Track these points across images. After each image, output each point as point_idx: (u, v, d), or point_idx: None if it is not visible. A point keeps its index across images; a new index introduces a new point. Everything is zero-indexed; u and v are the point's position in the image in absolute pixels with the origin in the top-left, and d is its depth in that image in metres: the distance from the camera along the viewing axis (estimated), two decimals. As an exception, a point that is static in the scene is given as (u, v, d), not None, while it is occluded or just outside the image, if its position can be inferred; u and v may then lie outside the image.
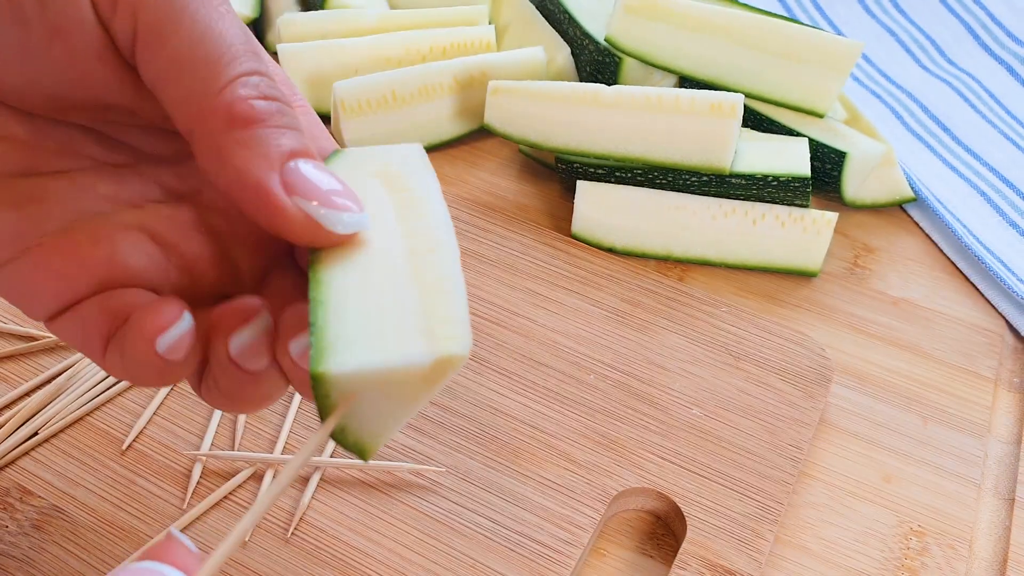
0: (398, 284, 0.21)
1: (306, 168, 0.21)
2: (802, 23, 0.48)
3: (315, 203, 0.21)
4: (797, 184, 0.44)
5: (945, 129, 0.54)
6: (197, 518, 0.33)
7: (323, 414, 0.20)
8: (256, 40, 0.23)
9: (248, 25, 0.54)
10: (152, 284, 0.24)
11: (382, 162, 0.25)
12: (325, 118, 0.51)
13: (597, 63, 0.50)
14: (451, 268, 0.21)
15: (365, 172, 0.24)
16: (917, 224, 0.49)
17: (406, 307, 0.20)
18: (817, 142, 0.47)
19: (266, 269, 0.25)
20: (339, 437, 0.21)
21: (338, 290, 0.21)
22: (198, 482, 0.34)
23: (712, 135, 0.43)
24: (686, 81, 0.49)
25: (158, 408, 0.36)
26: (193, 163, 0.25)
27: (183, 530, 0.32)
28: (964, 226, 0.48)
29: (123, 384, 0.37)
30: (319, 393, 0.20)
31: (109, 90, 0.23)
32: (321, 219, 0.21)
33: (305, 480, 0.34)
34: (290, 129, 0.21)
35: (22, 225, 0.23)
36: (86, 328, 0.23)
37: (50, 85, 0.22)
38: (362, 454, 0.21)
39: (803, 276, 0.46)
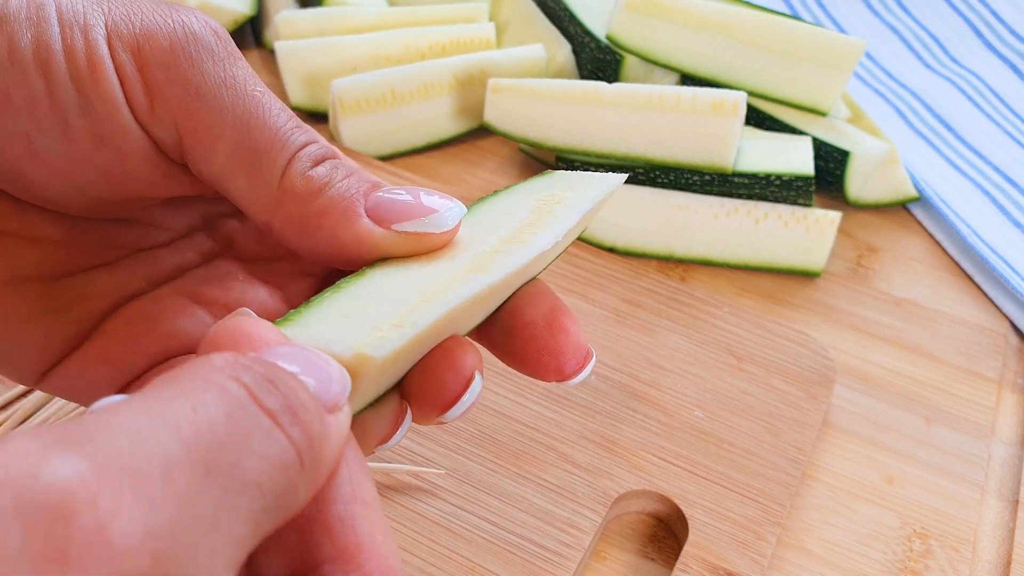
0: (409, 289, 0.22)
1: (386, 196, 0.22)
2: (805, 21, 0.48)
3: (408, 222, 0.22)
4: (800, 183, 0.44)
5: (949, 128, 0.53)
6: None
7: None
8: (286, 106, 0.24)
9: (245, 23, 0.54)
10: None
11: (565, 185, 0.26)
12: (323, 116, 0.50)
13: (598, 61, 0.50)
14: (468, 289, 0.22)
15: (534, 194, 0.25)
16: (921, 224, 0.49)
17: (391, 309, 0.21)
18: (820, 141, 0.47)
19: (318, 290, 0.26)
20: None
21: (357, 284, 0.22)
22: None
23: (714, 134, 0.43)
24: (688, 79, 0.49)
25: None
26: (223, 224, 0.26)
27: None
28: (968, 226, 0.48)
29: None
30: None
31: (153, 187, 0.23)
32: (424, 230, 0.22)
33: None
34: (351, 176, 0.23)
35: (69, 329, 0.23)
36: None
37: (93, 190, 0.23)
38: None
39: (806, 276, 0.45)
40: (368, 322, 0.20)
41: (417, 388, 0.22)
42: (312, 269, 0.26)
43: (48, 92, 0.21)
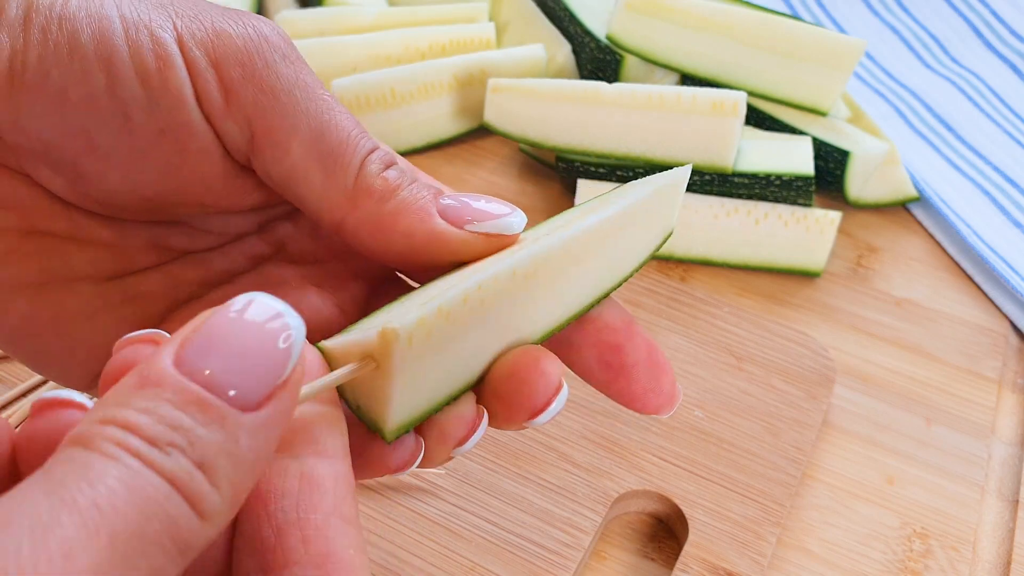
0: (448, 282, 0.22)
1: (453, 200, 0.23)
2: (805, 21, 0.48)
3: (481, 223, 0.23)
4: (800, 183, 0.44)
5: (949, 128, 0.53)
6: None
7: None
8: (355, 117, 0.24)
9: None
10: None
11: (628, 189, 0.26)
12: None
13: (598, 61, 0.50)
14: (498, 265, 0.22)
15: (596, 200, 0.26)
16: (921, 224, 0.49)
17: (424, 296, 0.22)
18: (820, 141, 0.47)
19: (370, 293, 0.26)
20: (358, 413, 0.22)
21: (421, 291, 0.23)
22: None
23: (714, 134, 0.43)
24: (688, 79, 0.49)
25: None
26: (275, 228, 0.26)
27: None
28: (968, 226, 0.48)
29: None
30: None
31: (210, 191, 0.23)
32: (497, 230, 0.23)
33: (303, 482, 0.34)
34: (418, 180, 0.23)
35: (123, 328, 0.23)
36: None
37: (151, 188, 0.23)
38: (380, 433, 0.22)
39: (806, 276, 0.45)
40: (402, 310, 0.21)
41: (507, 392, 0.22)
42: (364, 271, 0.26)
43: (108, 87, 0.21)
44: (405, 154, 0.49)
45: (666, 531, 0.35)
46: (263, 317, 0.17)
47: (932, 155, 0.52)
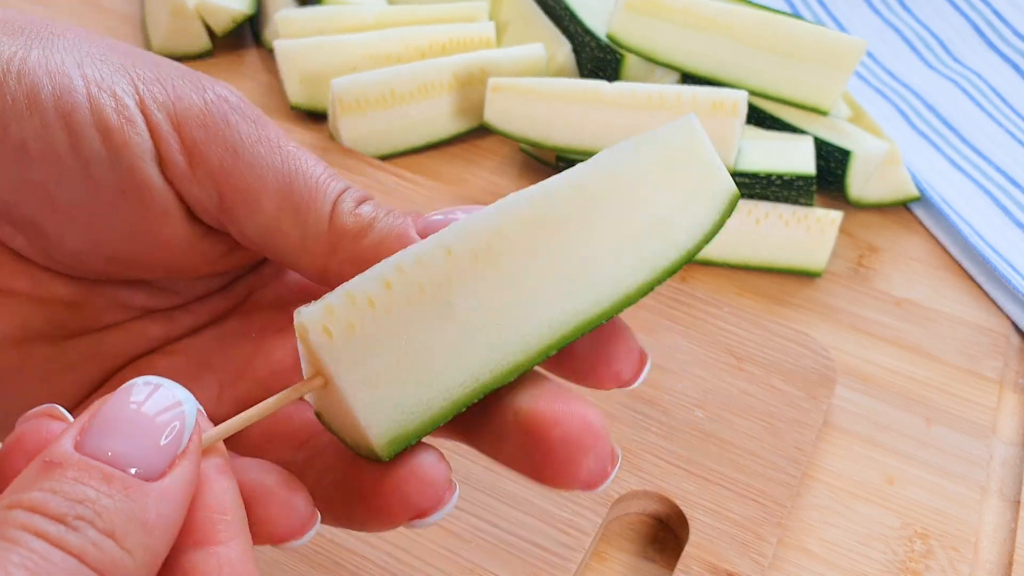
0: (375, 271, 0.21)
1: (433, 218, 0.23)
2: (806, 20, 0.48)
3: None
4: (801, 183, 0.43)
5: (950, 127, 0.53)
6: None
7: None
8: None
9: (244, 22, 0.53)
10: None
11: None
12: (322, 116, 0.50)
13: (598, 60, 0.50)
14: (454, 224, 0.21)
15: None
16: (922, 223, 0.49)
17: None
18: (821, 140, 0.47)
19: None
20: (345, 443, 0.21)
21: None
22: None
23: (715, 133, 0.43)
24: (688, 78, 0.49)
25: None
26: (241, 280, 0.26)
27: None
28: (969, 225, 0.48)
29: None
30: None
31: (174, 255, 0.23)
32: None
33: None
34: (393, 210, 0.23)
35: (79, 388, 0.23)
36: None
37: (113, 249, 0.22)
38: (372, 455, 0.20)
39: (806, 276, 0.45)
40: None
41: (595, 359, 0.22)
42: None
43: (69, 143, 0.21)
44: (405, 154, 0.49)
45: (667, 532, 0.35)
46: (154, 399, 0.18)
47: (933, 155, 0.52)
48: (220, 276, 0.25)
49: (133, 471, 0.17)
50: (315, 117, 0.50)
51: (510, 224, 0.20)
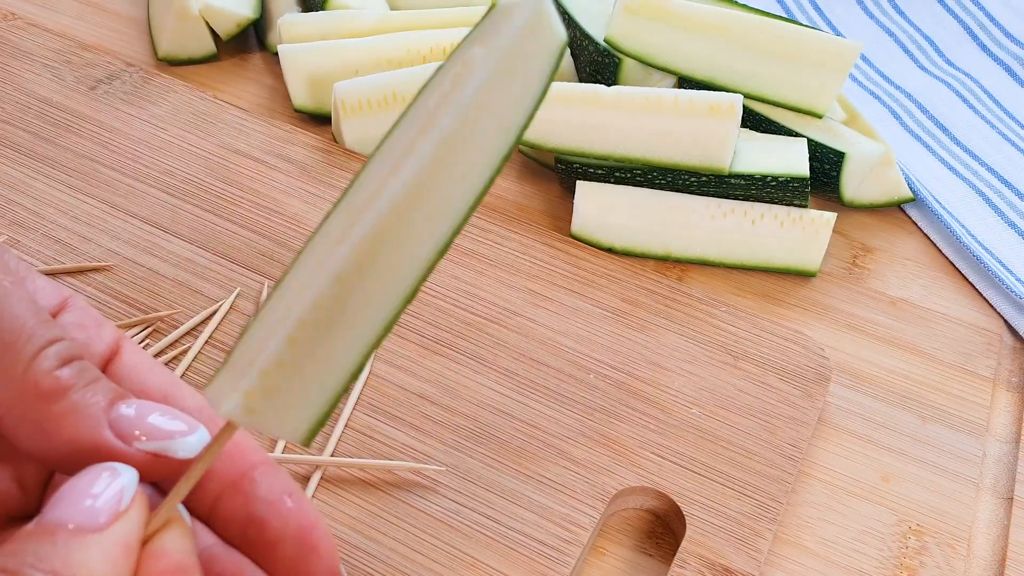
0: (271, 340, 0.21)
1: (128, 412, 0.22)
2: (801, 24, 0.48)
3: (150, 440, 0.21)
4: (796, 184, 0.44)
5: (944, 130, 0.54)
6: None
7: None
8: (40, 305, 0.22)
9: (248, 26, 0.54)
10: None
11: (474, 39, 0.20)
12: (326, 118, 0.51)
13: (596, 64, 0.50)
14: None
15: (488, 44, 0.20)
16: (916, 224, 0.50)
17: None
18: (816, 142, 0.47)
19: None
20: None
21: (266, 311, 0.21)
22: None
23: (711, 135, 0.44)
24: (685, 82, 0.49)
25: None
26: None
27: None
28: (963, 226, 0.48)
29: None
30: None
31: None
32: (166, 452, 0.22)
33: (306, 479, 0.34)
34: (97, 382, 0.22)
35: None
36: None
37: None
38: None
39: (802, 276, 0.46)
40: (242, 358, 0.21)
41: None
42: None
43: None
44: (406, 156, 0.49)
45: (664, 527, 0.35)
46: (98, 478, 0.20)
47: (927, 156, 0.52)
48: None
49: (71, 526, 0.19)
50: (318, 120, 0.51)
51: (388, 215, 0.20)
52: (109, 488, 0.20)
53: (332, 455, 0.35)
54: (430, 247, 0.20)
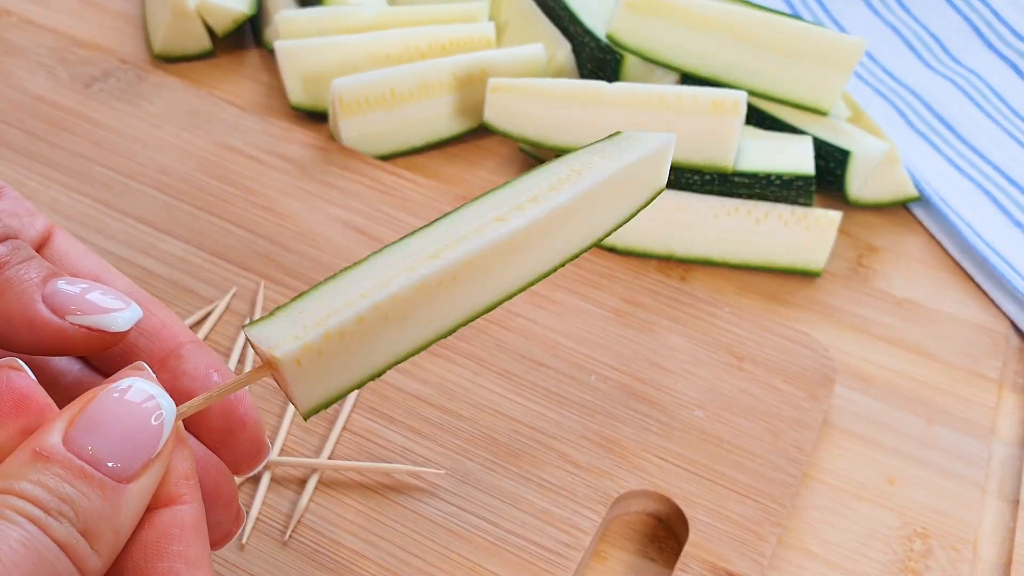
0: (350, 307, 0.22)
1: (63, 287, 0.22)
2: (805, 20, 0.48)
3: (84, 315, 0.22)
4: (800, 183, 0.44)
5: (949, 127, 0.53)
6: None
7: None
8: None
9: (245, 22, 0.53)
10: None
11: (606, 151, 0.24)
12: (323, 116, 0.50)
13: (598, 60, 0.50)
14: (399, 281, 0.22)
15: (566, 165, 0.24)
16: (921, 223, 0.49)
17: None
18: (821, 140, 0.47)
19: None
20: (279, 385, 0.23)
21: (346, 276, 0.23)
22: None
23: (714, 133, 0.43)
24: (688, 78, 0.49)
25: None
26: None
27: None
28: (969, 225, 0.48)
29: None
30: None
31: None
32: (99, 326, 0.22)
33: (303, 483, 0.34)
34: (31, 260, 0.22)
35: None
36: None
37: None
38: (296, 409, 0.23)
39: (806, 276, 0.45)
40: (312, 312, 0.22)
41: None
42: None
43: None
44: (405, 154, 0.49)
45: (666, 531, 0.35)
46: (139, 399, 0.20)
47: (932, 154, 0.52)
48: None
49: (110, 465, 0.19)
50: (316, 117, 0.50)
51: (483, 252, 0.22)
52: (153, 423, 0.20)
53: (330, 458, 0.34)
54: (497, 294, 0.23)
